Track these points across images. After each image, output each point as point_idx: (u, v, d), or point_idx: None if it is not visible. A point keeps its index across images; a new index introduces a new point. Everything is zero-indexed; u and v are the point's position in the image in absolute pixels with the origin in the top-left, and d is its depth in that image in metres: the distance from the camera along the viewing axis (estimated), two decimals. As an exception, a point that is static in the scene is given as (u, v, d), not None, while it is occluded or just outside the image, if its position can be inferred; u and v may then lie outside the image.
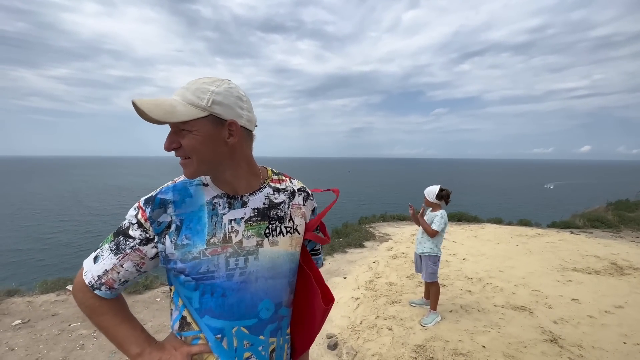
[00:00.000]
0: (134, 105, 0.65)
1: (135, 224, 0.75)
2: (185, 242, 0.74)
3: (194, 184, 0.80)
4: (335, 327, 2.98)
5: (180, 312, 0.79)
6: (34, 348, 2.54)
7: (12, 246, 15.53)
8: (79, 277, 0.77)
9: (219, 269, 0.75)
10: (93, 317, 0.78)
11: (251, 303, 0.79)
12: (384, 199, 31.35)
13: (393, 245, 5.73)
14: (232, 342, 0.78)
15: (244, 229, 0.78)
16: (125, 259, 0.75)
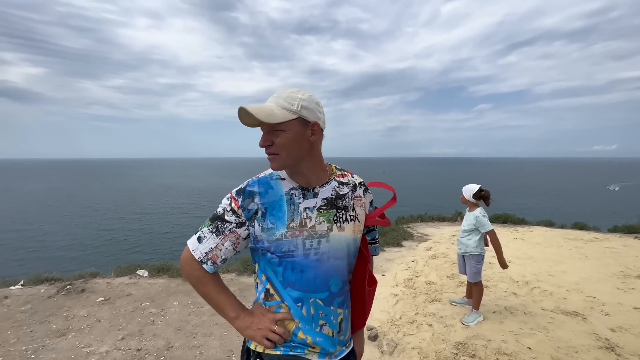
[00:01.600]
0: (241, 110, 0.85)
1: (229, 211, 0.92)
2: (269, 225, 0.91)
3: (273, 178, 0.97)
4: (374, 320, 3.09)
5: (264, 285, 0.97)
6: (116, 321, 2.98)
7: (82, 238, 17.60)
8: (186, 254, 0.94)
9: (298, 249, 0.91)
10: (198, 286, 0.95)
11: (324, 279, 0.95)
12: (422, 200, 30.29)
13: (432, 246, 5.65)
14: (309, 310, 0.94)
15: (316, 215, 0.94)
16: (225, 239, 0.92)
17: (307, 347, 0.95)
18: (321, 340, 0.96)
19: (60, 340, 2.68)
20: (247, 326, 0.94)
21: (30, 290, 3.52)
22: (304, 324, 0.94)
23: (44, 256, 14.16)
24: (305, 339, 0.94)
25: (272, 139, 0.90)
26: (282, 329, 0.94)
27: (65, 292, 3.45)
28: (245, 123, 0.89)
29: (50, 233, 18.28)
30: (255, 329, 0.93)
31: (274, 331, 0.93)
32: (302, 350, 0.95)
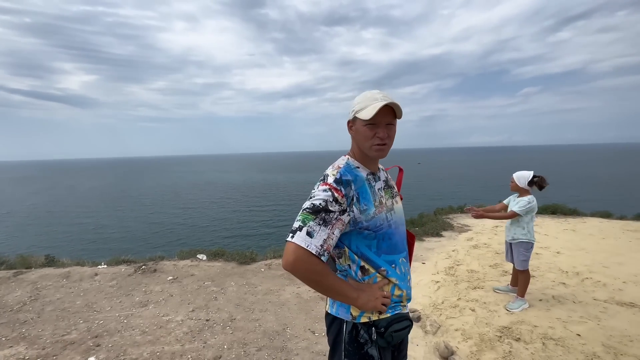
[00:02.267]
0: (390, 106, 1.04)
1: (332, 201, 1.00)
2: (364, 207, 1.07)
3: (353, 167, 1.12)
4: (417, 304, 3.23)
5: (358, 264, 1.11)
6: (185, 296, 3.44)
7: (134, 231, 19.41)
8: (300, 251, 0.95)
9: (384, 222, 1.12)
10: (321, 279, 0.99)
11: (401, 241, 1.19)
12: (461, 193, 28.94)
13: (474, 236, 5.58)
14: (401, 268, 1.16)
15: (384, 194, 1.17)
16: (334, 228, 1.00)
17: (401, 302, 1.16)
18: (409, 292, 1.20)
19: (144, 310, 3.17)
20: (367, 301, 1.06)
21: (113, 269, 4.13)
22: (400, 280, 1.15)
23: (104, 247, 15.90)
24: (400, 294, 1.15)
25: (389, 133, 1.09)
26: (386, 292, 1.12)
27: (141, 272, 4.01)
28: (375, 117, 1.03)
29: (107, 226, 20.37)
30: (373, 300, 1.07)
31: (384, 296, 1.10)
32: (398, 307, 1.15)
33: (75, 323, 2.92)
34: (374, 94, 1.08)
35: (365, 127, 1.08)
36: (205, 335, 2.73)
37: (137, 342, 2.63)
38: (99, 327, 2.86)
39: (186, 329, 2.82)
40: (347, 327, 1.11)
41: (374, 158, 1.14)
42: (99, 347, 2.56)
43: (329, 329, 1.17)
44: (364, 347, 1.10)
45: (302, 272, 0.97)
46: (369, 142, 1.09)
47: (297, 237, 0.97)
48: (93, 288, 3.64)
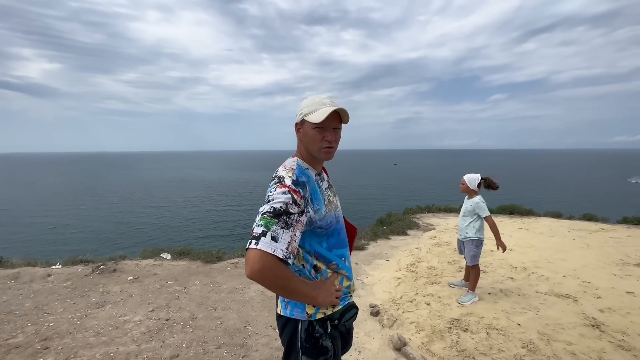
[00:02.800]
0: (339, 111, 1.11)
1: (292, 203, 1.01)
2: (317, 207, 1.12)
3: (304, 168, 1.16)
4: (377, 299, 3.37)
5: (312, 262, 1.15)
6: (145, 296, 3.36)
7: (100, 231, 18.46)
8: (267, 258, 0.91)
9: (333, 219, 1.19)
10: (288, 284, 0.98)
11: (345, 235, 1.29)
12: (433, 193, 30.04)
13: (436, 235, 5.86)
14: (348, 260, 1.27)
15: (329, 193, 1.25)
16: (296, 230, 1.00)
17: (349, 292, 1.25)
18: (353, 281, 1.29)
19: (100, 310, 3.07)
20: (325, 297, 1.10)
21: (68, 269, 3.95)
22: (349, 272, 1.24)
23: (64, 249, 14.99)
24: (349, 285, 1.24)
25: (335, 136, 1.16)
26: (338, 285, 1.20)
27: (100, 272, 3.86)
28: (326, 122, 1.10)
29: (69, 225, 19.21)
30: (330, 294, 1.12)
31: (336, 289, 1.16)
32: (347, 297, 1.23)
33: (22, 326, 2.78)
34: (322, 99, 1.14)
35: (314, 131, 1.13)
36: (164, 334, 2.70)
37: (90, 343, 2.55)
38: (48, 329, 2.73)
39: (144, 329, 2.77)
40: (303, 326, 1.15)
41: (322, 160, 1.21)
42: (47, 349, 2.46)
43: (283, 330, 1.19)
44: (319, 341, 1.15)
45: (270, 279, 0.93)
46: (318, 145, 1.14)
47: (262, 243, 0.93)
48: (45, 289, 3.46)
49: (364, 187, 35.25)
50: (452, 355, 2.43)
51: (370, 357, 2.48)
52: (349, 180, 43.01)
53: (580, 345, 2.52)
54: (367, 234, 5.73)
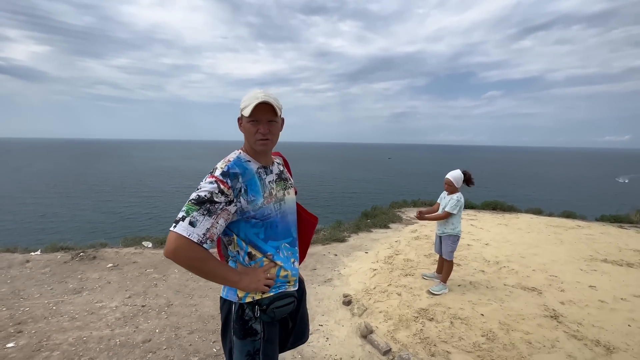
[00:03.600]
0: (265, 104, 1.13)
1: (218, 193, 1.08)
2: (252, 198, 1.16)
3: (243, 161, 1.21)
4: (351, 289, 3.47)
5: (246, 250, 1.22)
6: (123, 283, 3.41)
7: (89, 220, 18.32)
8: (181, 240, 1.01)
9: (272, 211, 1.23)
10: (203, 265, 1.07)
11: (287, 228, 1.32)
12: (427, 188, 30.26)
13: (418, 228, 5.99)
14: (283, 252, 1.28)
15: (275, 186, 1.28)
16: (219, 218, 1.08)
17: (287, 282, 1.29)
18: (295, 272, 1.33)
19: (77, 296, 3.12)
20: (249, 283, 1.17)
21: (48, 256, 3.97)
22: (284, 263, 1.27)
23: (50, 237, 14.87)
24: (286, 275, 1.28)
25: (270, 129, 1.19)
26: (270, 274, 1.24)
27: (79, 259, 3.89)
28: (256, 115, 1.14)
29: (59, 214, 19.00)
30: (256, 282, 1.18)
31: (267, 278, 1.22)
32: (284, 286, 1.28)
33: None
34: (257, 93, 1.16)
35: (249, 124, 1.18)
36: (138, 320, 2.77)
37: (64, 327, 2.61)
38: (23, 314, 2.78)
39: (119, 314, 2.83)
40: (235, 308, 1.23)
41: (259, 152, 1.25)
42: (20, 333, 2.50)
43: (221, 310, 1.28)
44: (248, 323, 1.22)
45: (183, 260, 1.04)
46: (253, 137, 1.19)
47: (179, 226, 1.03)
48: (22, 275, 3.49)
49: (358, 181, 35.43)
50: (415, 342, 2.55)
51: (337, 344, 2.58)
52: (343, 173, 43.17)
53: (537, 335, 2.66)
54: (349, 227, 5.83)
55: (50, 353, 2.30)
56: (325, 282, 3.64)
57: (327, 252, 4.56)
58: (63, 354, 2.29)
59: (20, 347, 2.34)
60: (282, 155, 1.49)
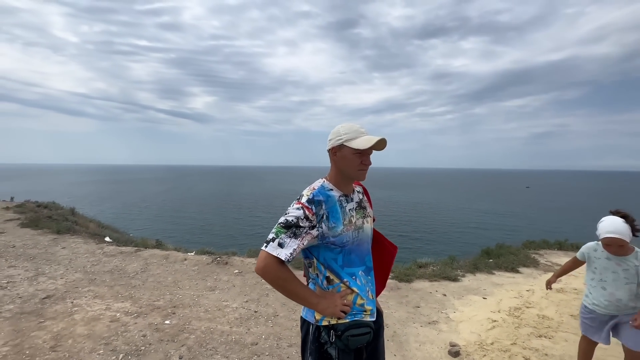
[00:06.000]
0: (381, 143, 1.23)
1: (303, 218, 1.17)
2: (333, 225, 1.22)
3: (327, 189, 1.28)
4: (460, 339, 2.99)
5: (324, 274, 1.26)
6: (244, 288, 4.00)
7: (232, 231, 22.31)
8: (271, 259, 1.12)
9: (350, 238, 1.26)
10: (287, 284, 1.16)
11: (362, 256, 1.33)
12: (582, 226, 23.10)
13: (563, 278, 4.65)
14: (360, 279, 1.30)
15: (355, 214, 1.32)
16: (304, 240, 1.17)
17: (364, 311, 1.28)
18: (370, 303, 1.31)
19: (211, 293, 3.85)
20: (326, 307, 1.20)
21: (198, 257, 5.08)
22: (360, 290, 1.27)
23: (206, 240, 18.86)
24: (362, 304, 1.28)
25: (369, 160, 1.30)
26: (347, 301, 1.25)
27: (216, 262, 4.82)
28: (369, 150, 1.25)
29: (214, 224, 24.06)
30: (333, 306, 1.21)
31: (344, 304, 1.23)
32: (360, 315, 1.27)
33: (163, 294, 3.77)
34: (359, 128, 1.26)
35: (354, 155, 1.25)
36: (250, 323, 3.17)
37: (200, 317, 3.25)
38: (178, 300, 3.62)
39: (237, 315, 3.32)
40: (312, 329, 1.27)
41: (357, 179, 1.32)
42: (174, 314, 3.27)
43: (301, 329, 1.34)
44: (324, 347, 1.23)
45: (271, 277, 1.14)
46: (356, 167, 1.26)
47: (269, 246, 1.13)
48: (181, 269, 4.58)
49: (484, 213, 30.62)
50: None
51: (437, 400, 2.24)
52: (466, 203, 38.42)
53: None
54: (464, 265, 5.10)
55: (189, 335, 2.90)
56: (429, 324, 3.27)
57: (435, 290, 4.10)
58: (197, 339, 2.85)
59: (172, 325, 3.06)
60: (363, 185, 1.52)
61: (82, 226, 7.17)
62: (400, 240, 18.12)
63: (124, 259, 4.96)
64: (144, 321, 3.11)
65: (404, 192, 53.95)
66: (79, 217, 8.40)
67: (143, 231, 17.19)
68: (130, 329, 2.95)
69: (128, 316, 3.20)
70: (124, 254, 5.16)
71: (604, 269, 2.06)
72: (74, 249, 5.41)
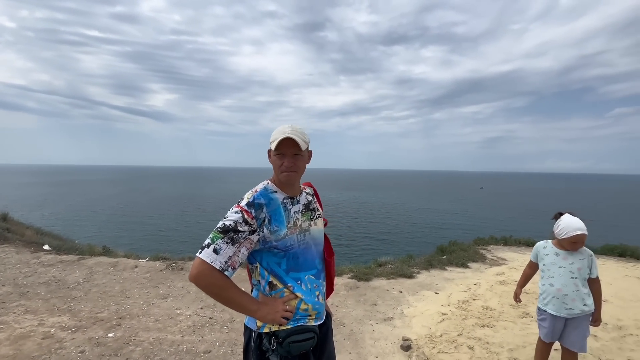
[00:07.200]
0: (289, 140, 1.16)
1: (242, 222, 1.12)
2: (275, 229, 1.18)
3: (270, 191, 1.24)
4: (412, 333, 3.12)
5: (267, 279, 1.23)
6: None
7: (195, 234, 21.36)
8: (204, 266, 1.07)
9: (294, 242, 1.23)
10: (222, 292, 1.11)
11: (311, 260, 1.29)
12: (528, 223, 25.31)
13: (505, 271, 5.09)
14: (306, 284, 1.26)
15: (301, 217, 1.28)
16: (241, 246, 1.12)
17: (308, 316, 1.26)
18: (318, 307, 1.29)
19: (163, 301, 3.64)
20: (267, 313, 1.17)
21: (150, 263, 4.79)
22: (305, 296, 1.24)
23: (167, 248, 17.86)
24: (306, 308, 1.24)
25: (295, 162, 1.23)
26: (290, 306, 1.22)
27: (171, 268, 4.57)
28: (282, 149, 1.20)
29: (174, 229, 22.83)
30: (273, 313, 1.18)
31: (285, 310, 1.20)
32: (304, 320, 1.24)
33: (109, 305, 3.50)
34: (284, 128, 1.21)
35: (276, 157, 1.23)
36: (205, 331, 3.04)
37: (149, 327, 3.06)
38: (124, 310, 3.38)
39: (191, 323, 3.18)
40: (254, 336, 1.23)
41: (285, 183, 1.28)
42: (119, 326, 3.04)
43: (244, 336, 1.30)
44: (265, 354, 1.20)
45: (204, 285, 1.09)
46: (279, 169, 1.23)
47: (204, 253, 1.08)
48: (131, 278, 4.28)
49: (444, 212, 32.37)
50: (484, 413, 2.10)
51: (388, 394, 2.32)
52: (428, 203, 40.32)
53: None
54: (420, 262, 5.35)
55: (135, 348, 2.71)
56: (384, 321, 3.38)
57: (392, 288, 4.25)
58: (143, 351, 2.68)
59: (116, 338, 2.84)
60: (313, 186, 1.49)
61: (15, 233, 6.43)
62: (366, 241, 18.58)
63: (64, 268, 4.53)
64: (83, 336, 2.85)
65: (371, 193, 55.41)
66: (12, 224, 7.51)
67: (92, 238, 15.84)
68: (66, 346, 2.69)
69: (64, 331, 2.92)
70: (65, 263, 4.71)
71: (552, 265, 2.17)
72: (3, 259, 4.83)
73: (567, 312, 2.09)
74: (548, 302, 2.17)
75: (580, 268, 2.09)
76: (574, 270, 2.09)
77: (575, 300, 2.07)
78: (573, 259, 2.11)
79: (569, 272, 2.10)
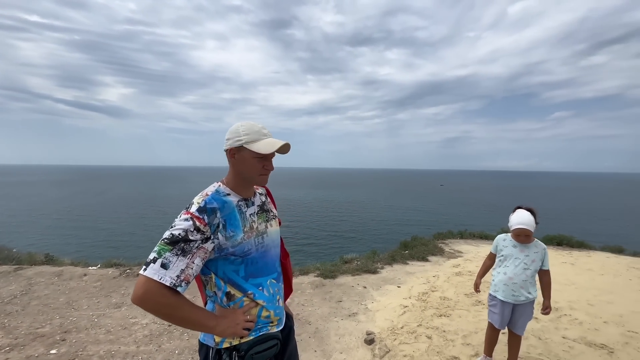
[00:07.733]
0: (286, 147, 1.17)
1: (193, 230, 1.01)
2: (231, 234, 1.10)
3: (222, 194, 1.15)
4: (376, 327, 3.22)
5: (224, 290, 1.13)
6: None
7: (153, 234, 20.16)
8: (150, 284, 0.93)
9: (252, 246, 1.15)
10: (175, 312, 0.98)
11: (271, 263, 1.25)
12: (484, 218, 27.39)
13: (461, 263, 5.44)
14: (268, 290, 1.20)
15: (257, 219, 1.22)
16: (194, 257, 1.01)
17: (269, 323, 1.20)
18: (279, 312, 1.25)
19: (116, 311, 3.39)
20: (227, 327, 1.08)
21: (102, 271, 4.44)
22: (267, 302, 1.19)
23: (124, 254, 16.67)
24: (268, 315, 1.19)
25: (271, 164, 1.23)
26: (251, 316, 1.15)
27: (125, 275, 4.27)
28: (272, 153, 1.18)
29: (132, 233, 21.35)
30: (234, 325, 1.09)
31: (247, 320, 1.12)
32: (266, 327, 1.19)
33: (51, 318, 3.18)
34: (261, 129, 1.16)
35: (255, 159, 1.16)
36: (162, 339, 2.89)
37: (99, 340, 2.83)
38: (71, 323, 3.10)
39: (147, 332, 2.99)
40: (212, 353, 1.14)
41: (258, 185, 1.24)
42: (64, 341, 2.78)
43: (199, 354, 1.20)
44: None
45: (151, 306, 0.95)
46: (257, 172, 1.18)
47: (149, 269, 0.95)
48: (78, 287, 3.93)
49: (405, 209, 33.76)
50: (440, 398, 2.22)
51: (351, 388, 2.37)
52: (393, 201, 41.73)
53: (602, 407, 2.14)
54: (384, 258, 5.53)
55: (82, 363, 2.49)
56: (349, 317, 3.44)
57: (357, 284, 4.35)
58: (92, 366, 2.47)
59: (60, 354, 2.59)
60: (265, 186, 1.43)
61: None
62: (335, 239, 18.78)
63: (-3, 281, 4.04)
64: (20, 355, 2.57)
65: (338, 192, 56.10)
66: None
67: (34, 246, 14.32)
68: (-1, 367, 2.41)
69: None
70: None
71: (509, 256, 2.33)
72: None
73: (514, 298, 2.28)
74: (498, 289, 2.36)
75: (535, 260, 2.27)
76: (528, 262, 2.27)
77: (523, 288, 2.26)
78: (529, 251, 2.28)
79: (523, 263, 2.28)
